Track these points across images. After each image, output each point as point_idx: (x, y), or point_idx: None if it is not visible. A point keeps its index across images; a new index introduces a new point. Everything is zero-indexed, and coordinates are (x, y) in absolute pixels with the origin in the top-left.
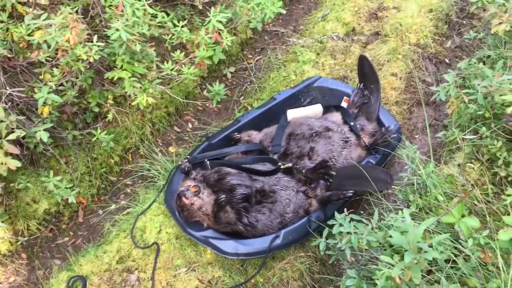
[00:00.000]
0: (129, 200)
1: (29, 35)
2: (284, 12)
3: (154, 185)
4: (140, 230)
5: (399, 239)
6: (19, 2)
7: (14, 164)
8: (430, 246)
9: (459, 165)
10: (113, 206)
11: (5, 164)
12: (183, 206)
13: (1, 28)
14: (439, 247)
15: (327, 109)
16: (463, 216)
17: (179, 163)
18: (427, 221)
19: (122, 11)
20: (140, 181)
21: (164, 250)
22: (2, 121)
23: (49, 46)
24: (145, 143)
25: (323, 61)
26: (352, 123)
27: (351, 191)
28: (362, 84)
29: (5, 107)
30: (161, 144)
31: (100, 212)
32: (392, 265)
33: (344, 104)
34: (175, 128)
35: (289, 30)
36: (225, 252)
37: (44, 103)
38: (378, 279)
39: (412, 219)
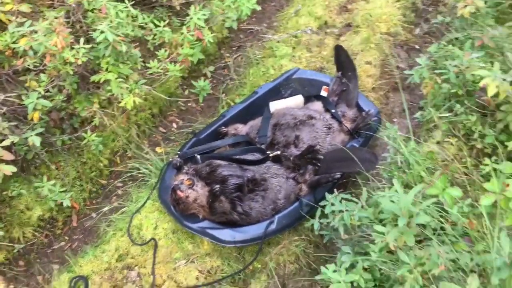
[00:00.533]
0: (122, 200)
1: (13, 43)
2: (259, 8)
3: (145, 184)
4: (137, 228)
5: (390, 206)
6: (1, 11)
7: (10, 169)
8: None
9: (438, 142)
10: (106, 208)
11: (0, 170)
12: (178, 199)
13: None
14: (428, 213)
15: (308, 99)
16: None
17: (170, 159)
18: (416, 187)
19: (106, 13)
20: (131, 181)
21: (162, 245)
22: None
23: (35, 52)
24: (132, 145)
25: (299, 55)
26: (333, 110)
27: (339, 173)
28: (340, 72)
29: None
30: (148, 146)
31: (94, 215)
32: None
33: (324, 93)
34: (161, 128)
35: (264, 27)
36: (223, 241)
37: (34, 109)
38: (373, 251)
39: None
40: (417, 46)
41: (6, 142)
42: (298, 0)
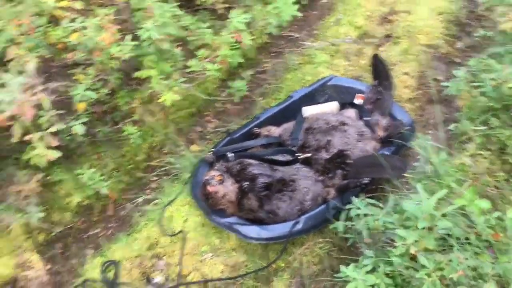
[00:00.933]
0: (155, 193)
1: (65, 37)
2: (300, 14)
3: (179, 178)
4: (168, 220)
5: (412, 208)
6: (57, 7)
7: (54, 155)
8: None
9: (470, 155)
10: (140, 199)
11: (46, 155)
12: (208, 193)
13: (41, 32)
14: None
15: (342, 106)
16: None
17: (204, 156)
18: (440, 192)
19: (152, 13)
20: (165, 176)
21: (190, 238)
22: (42, 116)
23: (85, 47)
24: (169, 141)
25: (337, 63)
26: (367, 118)
27: (368, 179)
28: (377, 81)
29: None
30: (184, 143)
31: (129, 205)
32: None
33: (358, 101)
34: (197, 128)
35: (304, 35)
36: (249, 237)
37: (80, 100)
38: (394, 256)
39: None
40: (457, 60)
41: (52, 129)
42: (340, 9)
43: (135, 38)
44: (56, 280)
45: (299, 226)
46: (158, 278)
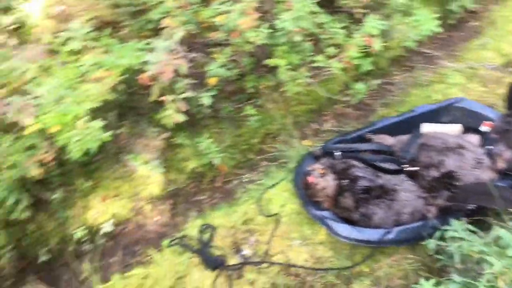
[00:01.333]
0: (261, 175)
1: (212, 17)
2: (440, 30)
3: (285, 167)
4: (266, 201)
5: (507, 236)
6: None
7: (180, 118)
8: None
9: None
10: (246, 178)
11: (174, 117)
12: (308, 184)
13: (193, 10)
14: None
15: (466, 130)
16: None
17: (312, 149)
18: None
19: (291, 6)
20: (273, 161)
21: (283, 222)
22: (178, 82)
23: (227, 28)
24: (284, 131)
25: (472, 87)
26: (489, 147)
27: (473, 205)
28: (510, 111)
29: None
30: (297, 136)
31: (235, 181)
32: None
33: (484, 128)
34: (313, 124)
35: (442, 54)
36: (339, 234)
37: (212, 76)
38: (482, 286)
39: None
40: None
41: (184, 95)
42: (489, 34)
43: (271, 27)
44: (161, 231)
45: (391, 236)
46: (246, 251)
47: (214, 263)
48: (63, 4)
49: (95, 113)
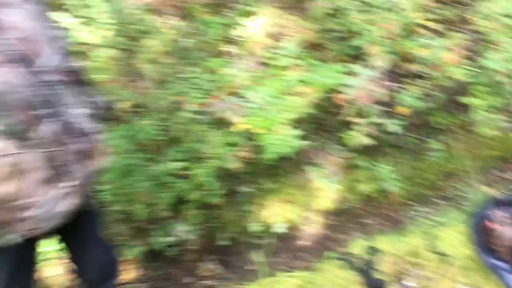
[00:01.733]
0: (434, 211)
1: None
2: None
3: (461, 208)
4: (437, 238)
5: None
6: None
7: (367, 141)
8: None
9: None
10: (418, 210)
11: (359, 139)
12: (487, 229)
13: (395, 40)
14: None
15: None
16: None
17: (498, 196)
18: None
19: (500, 47)
20: (450, 201)
21: (452, 263)
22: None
23: (427, 61)
24: (465, 173)
25: None
26: None
27: None
28: None
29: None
30: (480, 180)
31: (405, 211)
32: None
33: None
34: (498, 172)
35: None
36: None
37: (404, 105)
38: None
39: None
40: None
41: (372, 119)
42: None
43: (474, 65)
44: (324, 244)
45: None
46: (410, 284)
47: (376, 285)
48: (280, 25)
49: (293, 123)
